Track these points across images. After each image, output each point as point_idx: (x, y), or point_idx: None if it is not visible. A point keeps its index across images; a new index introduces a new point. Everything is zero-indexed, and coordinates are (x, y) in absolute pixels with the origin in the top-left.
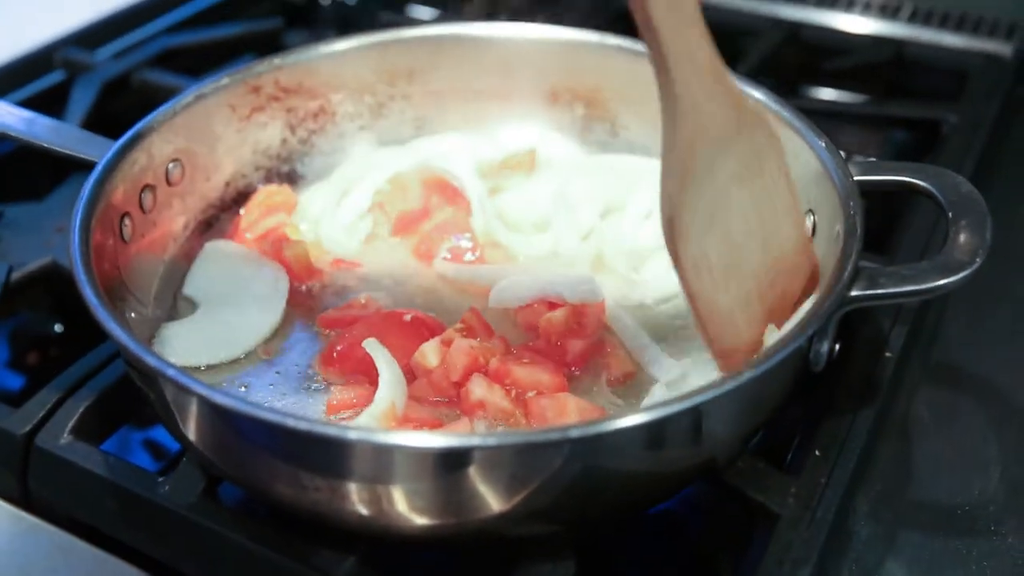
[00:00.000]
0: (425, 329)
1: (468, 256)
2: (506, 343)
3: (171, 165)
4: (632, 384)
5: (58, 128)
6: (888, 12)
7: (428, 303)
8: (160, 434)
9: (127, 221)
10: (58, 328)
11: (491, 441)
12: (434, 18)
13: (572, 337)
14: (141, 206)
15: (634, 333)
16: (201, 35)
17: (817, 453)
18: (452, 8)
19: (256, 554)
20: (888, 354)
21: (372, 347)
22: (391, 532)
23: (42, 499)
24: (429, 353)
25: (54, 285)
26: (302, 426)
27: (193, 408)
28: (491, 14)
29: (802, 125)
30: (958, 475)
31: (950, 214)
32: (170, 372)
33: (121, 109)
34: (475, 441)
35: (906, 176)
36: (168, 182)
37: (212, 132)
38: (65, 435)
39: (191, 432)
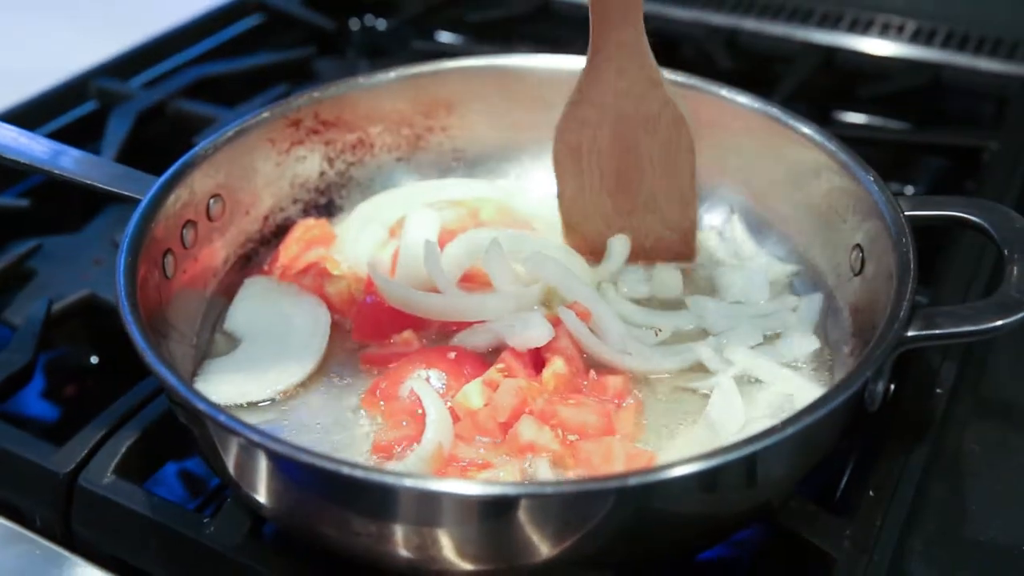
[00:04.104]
0: (468, 366)
1: None
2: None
3: (212, 200)
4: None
5: (99, 164)
6: (923, 37)
7: None
8: (196, 465)
9: (169, 257)
10: (94, 360)
11: (549, 490)
12: (457, 43)
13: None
14: (183, 242)
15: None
16: (234, 64)
17: (871, 493)
18: (477, 36)
19: None
20: (939, 390)
21: (419, 386)
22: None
23: (85, 539)
24: (472, 395)
25: (92, 318)
26: (358, 474)
27: (243, 452)
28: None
29: (849, 159)
30: (1012, 512)
31: (1004, 250)
32: (221, 417)
33: (156, 138)
34: (538, 489)
35: (957, 211)
36: (209, 217)
37: (252, 167)
38: (108, 474)
39: (239, 475)
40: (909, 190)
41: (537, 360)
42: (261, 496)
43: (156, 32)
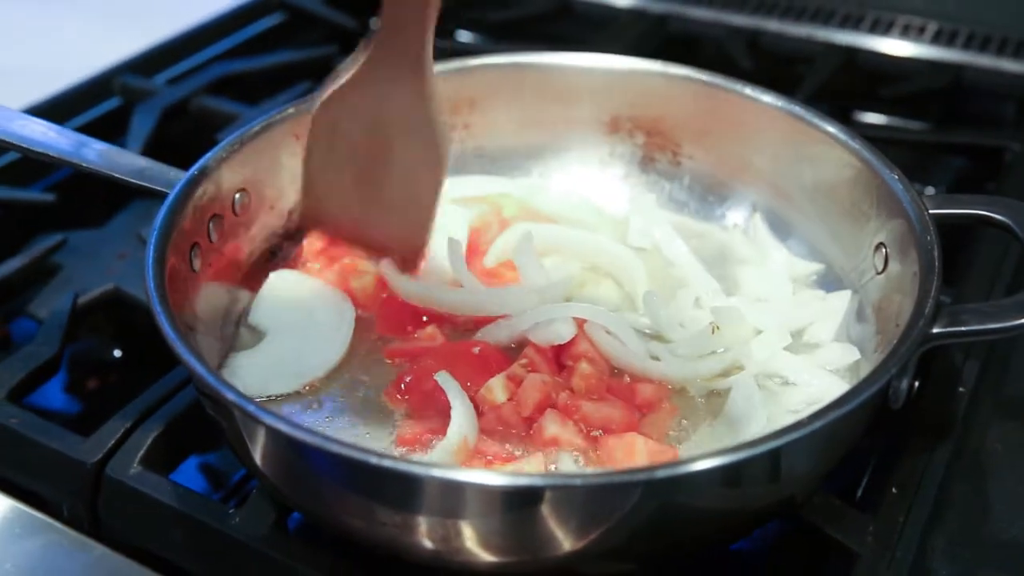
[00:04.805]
0: (492, 362)
1: None
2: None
3: (238, 195)
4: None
5: (127, 158)
6: (944, 38)
7: None
8: (217, 460)
9: (196, 250)
10: (117, 353)
11: (578, 482)
12: (477, 42)
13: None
14: (209, 236)
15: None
16: (256, 62)
17: (894, 490)
18: (497, 35)
19: None
20: (961, 390)
21: (444, 380)
22: (463, 567)
23: (111, 528)
24: (496, 389)
25: (116, 311)
26: (386, 463)
27: (271, 442)
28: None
29: (872, 157)
30: None
31: None
32: (250, 407)
33: (179, 134)
34: (565, 481)
35: (981, 209)
36: (234, 212)
37: (277, 161)
38: (135, 464)
39: (266, 465)
40: (930, 191)
41: (560, 356)
42: (288, 486)
43: (180, 29)
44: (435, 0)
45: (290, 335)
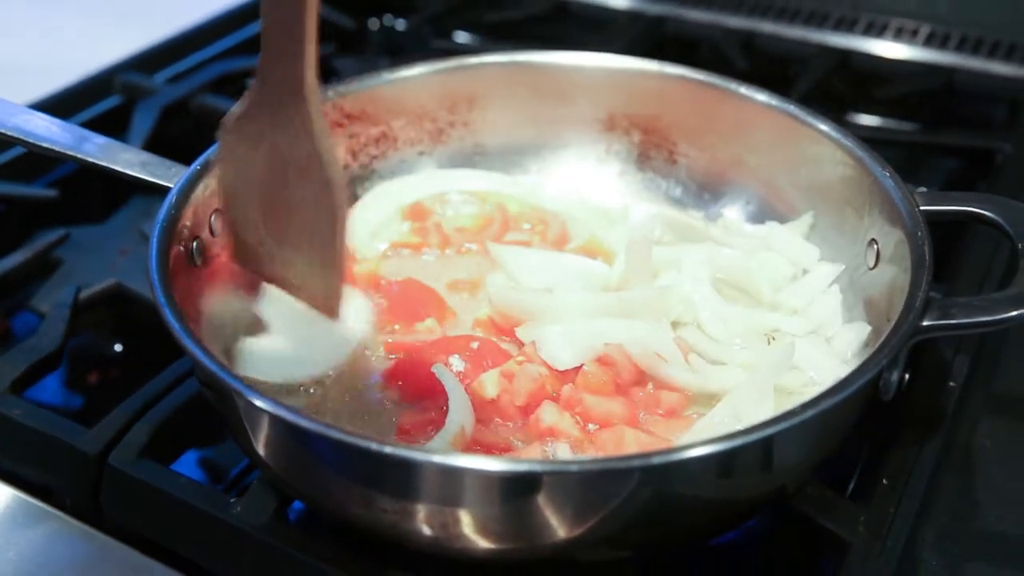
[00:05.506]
0: (489, 356)
1: None
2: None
3: None
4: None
5: (130, 152)
6: (937, 40)
7: None
8: (216, 453)
9: (197, 244)
10: (118, 348)
11: (574, 467)
12: (475, 43)
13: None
14: (211, 229)
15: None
16: (256, 60)
17: (885, 482)
18: (495, 36)
19: (327, 574)
20: (952, 384)
21: (441, 372)
22: (461, 554)
23: (114, 518)
24: (488, 384)
25: (117, 306)
26: (386, 450)
27: (273, 429)
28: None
29: (864, 154)
30: (1022, 506)
31: (1019, 245)
32: (251, 395)
33: (180, 132)
34: (562, 467)
35: (972, 206)
36: None
37: None
38: (138, 455)
39: (268, 453)
40: (922, 191)
41: None
42: (289, 473)
43: (181, 28)
44: (310, 27)
45: (298, 325)
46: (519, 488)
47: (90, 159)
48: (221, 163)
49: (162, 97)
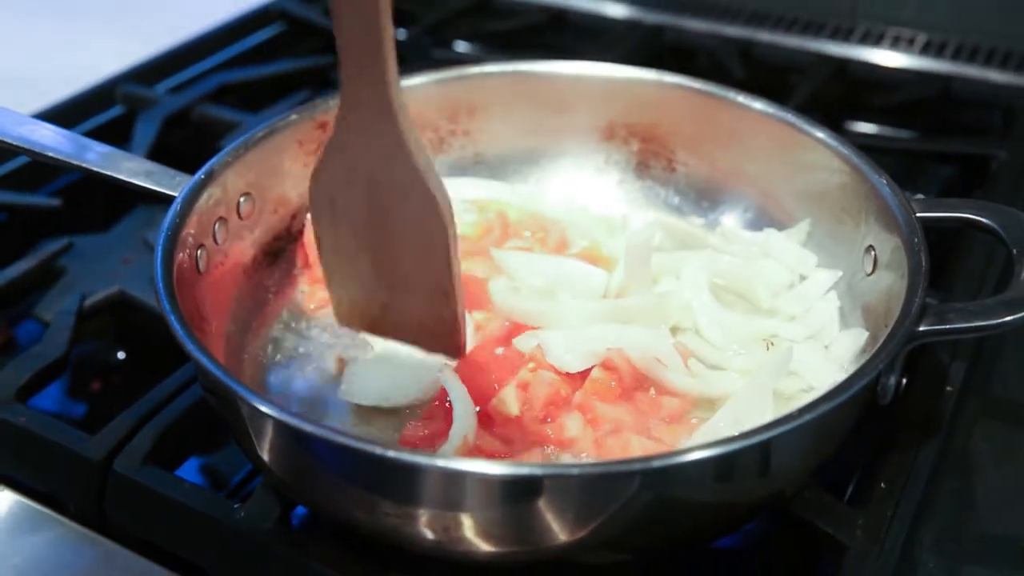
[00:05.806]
0: (495, 365)
1: None
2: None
3: (242, 198)
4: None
5: (135, 161)
6: (933, 49)
7: None
8: (218, 461)
9: (202, 252)
10: (121, 355)
11: (575, 471)
12: (475, 52)
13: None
14: (215, 238)
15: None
16: (257, 71)
17: (883, 485)
18: (494, 45)
19: None
20: (948, 388)
21: (448, 381)
22: (464, 557)
23: (118, 524)
24: (509, 401)
25: (121, 314)
26: (391, 454)
27: (277, 435)
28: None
29: (861, 162)
30: (1019, 510)
31: (1014, 251)
32: (256, 400)
33: (181, 142)
34: (563, 470)
35: (968, 213)
36: (239, 215)
37: (281, 167)
38: (142, 461)
39: (272, 457)
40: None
41: None
42: (293, 478)
43: (182, 39)
44: (387, 43)
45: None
46: (521, 492)
47: (95, 168)
48: (315, 218)
49: (164, 107)
